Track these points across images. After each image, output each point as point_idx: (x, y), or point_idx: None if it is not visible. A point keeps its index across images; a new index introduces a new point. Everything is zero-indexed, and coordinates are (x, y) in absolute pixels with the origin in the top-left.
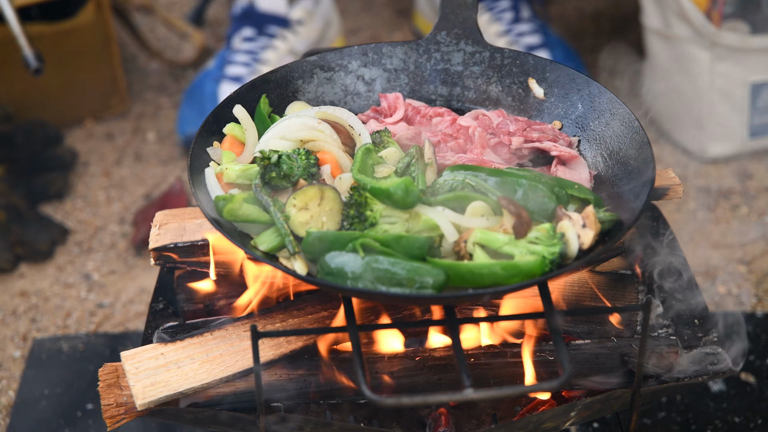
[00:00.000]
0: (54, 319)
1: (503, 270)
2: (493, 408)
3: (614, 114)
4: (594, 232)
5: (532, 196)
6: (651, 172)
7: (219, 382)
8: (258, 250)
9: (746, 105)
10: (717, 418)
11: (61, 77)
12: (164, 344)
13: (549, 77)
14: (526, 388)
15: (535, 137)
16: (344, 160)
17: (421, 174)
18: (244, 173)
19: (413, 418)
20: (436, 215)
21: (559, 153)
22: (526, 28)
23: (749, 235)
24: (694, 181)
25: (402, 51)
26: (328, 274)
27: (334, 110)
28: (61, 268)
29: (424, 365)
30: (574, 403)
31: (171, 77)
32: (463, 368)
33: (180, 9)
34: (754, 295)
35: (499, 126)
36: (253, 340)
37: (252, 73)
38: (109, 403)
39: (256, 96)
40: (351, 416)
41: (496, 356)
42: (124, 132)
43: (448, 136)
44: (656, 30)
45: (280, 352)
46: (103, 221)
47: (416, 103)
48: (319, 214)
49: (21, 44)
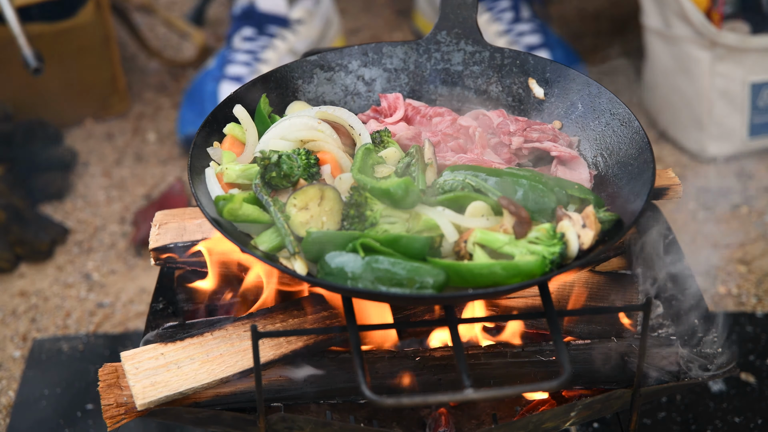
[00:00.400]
0: (54, 319)
1: (503, 270)
2: (493, 408)
3: (614, 114)
4: (594, 232)
5: (532, 196)
6: (651, 172)
7: (219, 382)
8: (258, 250)
9: (746, 105)
10: (717, 418)
11: (61, 77)
12: (164, 344)
13: (549, 77)
14: (526, 388)
15: (535, 137)
16: (344, 160)
17: (421, 174)
18: (244, 173)
19: (413, 418)
20: (436, 215)
21: (559, 153)
22: (526, 28)
23: (749, 235)
24: (694, 181)
25: (402, 51)
26: (328, 274)
27: (334, 110)
28: (61, 268)
29: (424, 365)
30: (574, 403)
31: (171, 77)
32: (463, 368)
33: (180, 9)
34: (754, 295)
35: (499, 126)
36: (254, 340)
37: (252, 72)
38: (109, 403)
39: (256, 96)
40: (351, 416)
41: (496, 356)
42: (124, 132)
43: (448, 135)
44: (656, 30)
45: (280, 352)
46: (103, 221)
47: (416, 103)
48: (319, 214)
49: (21, 44)
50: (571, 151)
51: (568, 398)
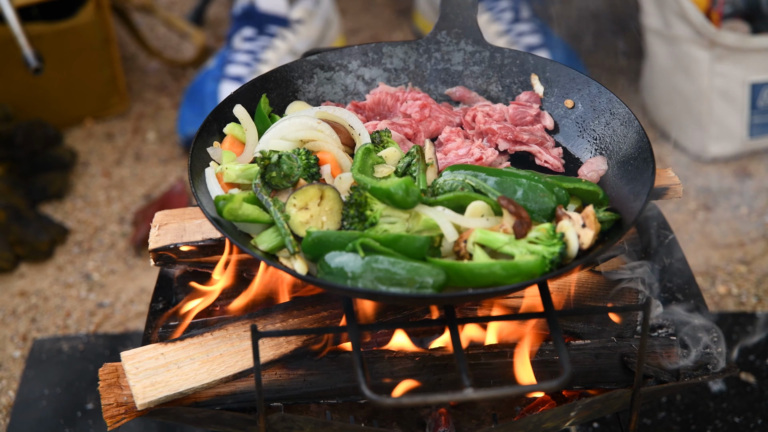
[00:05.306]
0: (54, 319)
1: (503, 270)
2: (493, 408)
3: (614, 114)
4: (594, 232)
5: (532, 196)
6: (651, 172)
7: (219, 382)
8: (258, 249)
9: (746, 105)
10: (717, 418)
11: (61, 77)
12: (164, 344)
13: (549, 77)
14: (526, 388)
15: (525, 139)
16: (344, 160)
17: (422, 174)
18: (244, 173)
19: (413, 418)
20: (436, 215)
21: (542, 163)
22: (526, 27)
23: (749, 235)
24: (694, 181)
25: (402, 51)
26: (328, 273)
27: (334, 110)
28: (61, 268)
29: (424, 365)
30: (574, 403)
31: (171, 77)
32: (463, 368)
33: (180, 9)
34: (754, 295)
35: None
36: (254, 340)
37: (252, 72)
38: (109, 402)
39: (257, 96)
40: (351, 416)
41: (496, 356)
42: (124, 132)
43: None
44: (656, 30)
45: (280, 352)
46: (103, 221)
47: (392, 89)
48: (319, 214)
49: (21, 44)
50: (555, 162)
51: (568, 398)
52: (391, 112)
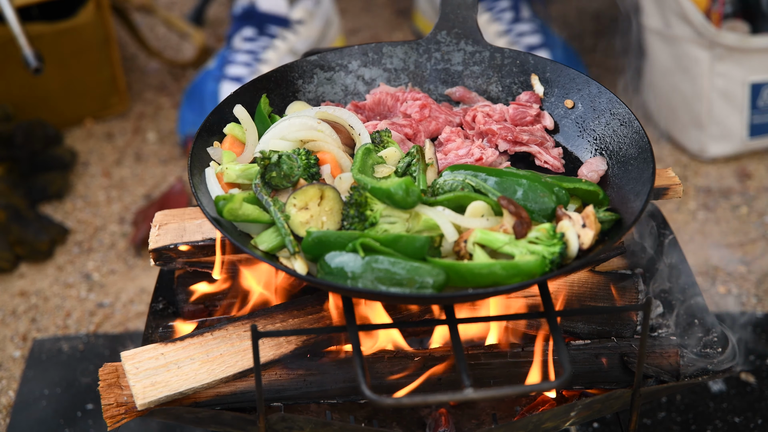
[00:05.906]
0: (54, 319)
1: (503, 270)
2: (493, 408)
3: (614, 114)
4: (594, 232)
5: (532, 196)
6: (651, 172)
7: (219, 382)
8: (258, 249)
9: (746, 105)
10: (717, 418)
11: (61, 77)
12: (164, 344)
13: (549, 77)
14: (526, 388)
15: (525, 139)
16: (344, 160)
17: (422, 174)
18: (245, 173)
19: (413, 418)
20: (436, 215)
21: (542, 164)
22: (526, 28)
23: (749, 235)
24: (694, 181)
25: (402, 51)
26: (328, 273)
27: (334, 110)
28: (61, 268)
29: (424, 365)
30: (574, 403)
31: (171, 77)
32: (463, 368)
33: (180, 9)
34: (754, 295)
35: (487, 120)
36: (254, 340)
37: (252, 72)
38: (109, 402)
39: (257, 96)
40: (351, 416)
41: (496, 356)
42: (124, 132)
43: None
44: (656, 30)
45: (280, 352)
46: (103, 221)
47: (392, 90)
48: (319, 214)
49: (21, 44)
50: (555, 163)
51: (568, 398)
52: (391, 112)
